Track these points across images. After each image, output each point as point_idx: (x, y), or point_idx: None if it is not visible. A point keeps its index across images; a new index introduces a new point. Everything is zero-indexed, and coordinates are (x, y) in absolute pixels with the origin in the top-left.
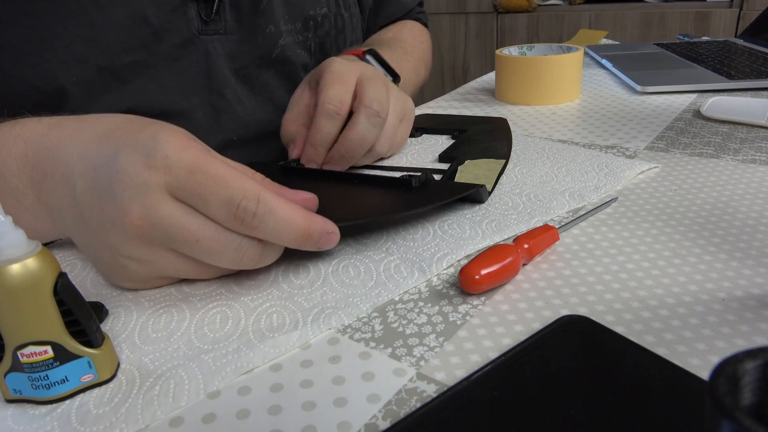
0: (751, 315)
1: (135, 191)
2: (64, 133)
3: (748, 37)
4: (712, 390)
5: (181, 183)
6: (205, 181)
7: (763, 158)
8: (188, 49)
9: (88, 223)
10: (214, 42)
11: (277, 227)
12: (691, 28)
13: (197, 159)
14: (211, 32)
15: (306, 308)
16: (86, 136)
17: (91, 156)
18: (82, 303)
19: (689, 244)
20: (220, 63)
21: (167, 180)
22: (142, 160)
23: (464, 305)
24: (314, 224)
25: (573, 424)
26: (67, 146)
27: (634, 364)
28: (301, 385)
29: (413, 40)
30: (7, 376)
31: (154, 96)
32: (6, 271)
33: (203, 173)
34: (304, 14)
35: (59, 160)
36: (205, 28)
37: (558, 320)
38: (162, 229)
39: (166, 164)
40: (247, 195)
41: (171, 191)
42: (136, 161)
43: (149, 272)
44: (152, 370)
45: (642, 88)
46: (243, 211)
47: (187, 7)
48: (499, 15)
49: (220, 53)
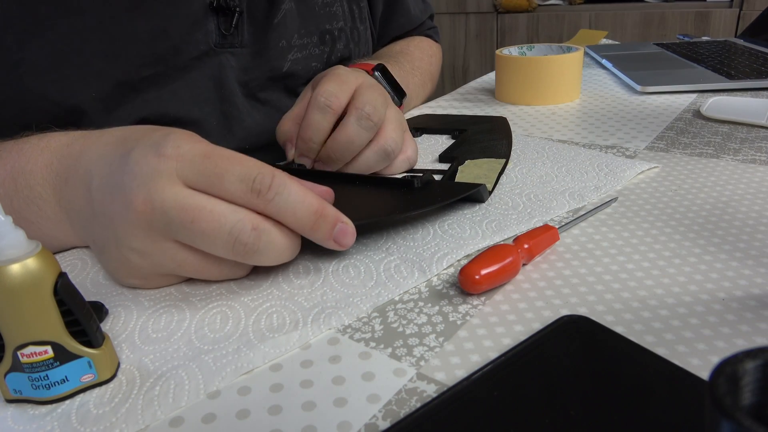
0: (751, 315)
1: (143, 179)
2: (87, 141)
3: (748, 37)
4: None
5: (195, 166)
6: (221, 161)
7: (763, 158)
8: (203, 61)
9: (98, 218)
10: (227, 55)
11: (291, 200)
12: (691, 28)
13: (210, 147)
14: (228, 46)
15: (306, 308)
16: (106, 141)
17: (108, 156)
18: (82, 303)
19: (689, 244)
20: (231, 76)
21: (178, 166)
22: (153, 152)
23: (464, 305)
24: (328, 207)
25: (573, 423)
26: (88, 152)
27: (634, 364)
28: (301, 385)
29: (421, 54)
30: (7, 376)
31: (168, 105)
32: (6, 271)
33: (218, 155)
34: (320, 28)
35: (80, 165)
36: (222, 42)
37: (558, 320)
38: (162, 211)
39: (178, 153)
40: (262, 171)
41: (183, 177)
42: (147, 153)
43: (151, 267)
44: (152, 370)
45: (642, 88)
46: (260, 183)
47: (207, 21)
48: (499, 15)
49: (233, 66)
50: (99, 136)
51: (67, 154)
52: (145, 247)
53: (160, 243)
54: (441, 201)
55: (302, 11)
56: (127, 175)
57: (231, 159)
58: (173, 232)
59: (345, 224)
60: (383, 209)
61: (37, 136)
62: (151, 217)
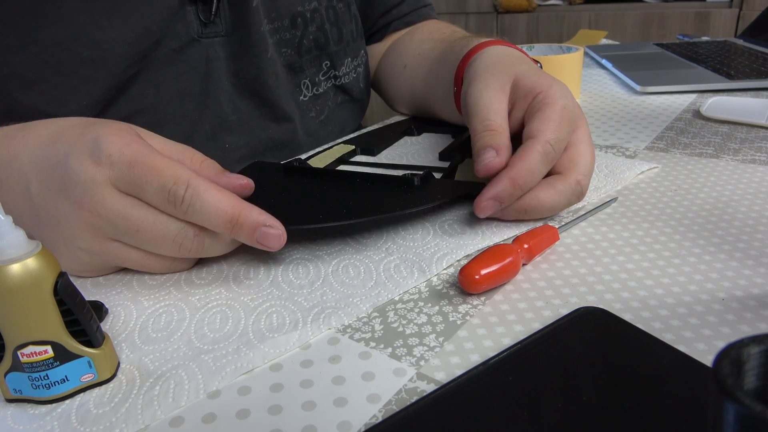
0: (751, 315)
1: (83, 186)
2: (13, 144)
3: (748, 37)
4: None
5: (123, 175)
6: (142, 171)
7: (763, 158)
8: (187, 53)
9: (43, 220)
10: (215, 45)
11: (204, 210)
12: (691, 28)
13: (137, 153)
14: (212, 35)
15: (306, 308)
16: (34, 143)
17: (41, 159)
18: (82, 303)
19: (689, 244)
20: (219, 68)
21: (111, 174)
22: (89, 159)
23: (464, 305)
24: (244, 212)
25: (586, 409)
26: (19, 156)
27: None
28: (301, 385)
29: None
30: (8, 375)
31: (151, 102)
32: (6, 271)
33: (141, 164)
34: (291, 11)
35: (13, 169)
36: (205, 31)
37: (576, 311)
38: (108, 219)
39: (110, 161)
40: (177, 181)
41: (115, 184)
42: (84, 161)
43: (100, 262)
44: (152, 370)
45: (642, 88)
46: (173, 195)
47: (185, 11)
48: (499, 15)
49: (221, 57)
50: (23, 136)
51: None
52: (93, 247)
53: (106, 244)
54: (441, 199)
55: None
56: (68, 183)
57: (151, 168)
58: (120, 236)
59: (269, 228)
60: (383, 207)
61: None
62: (98, 222)
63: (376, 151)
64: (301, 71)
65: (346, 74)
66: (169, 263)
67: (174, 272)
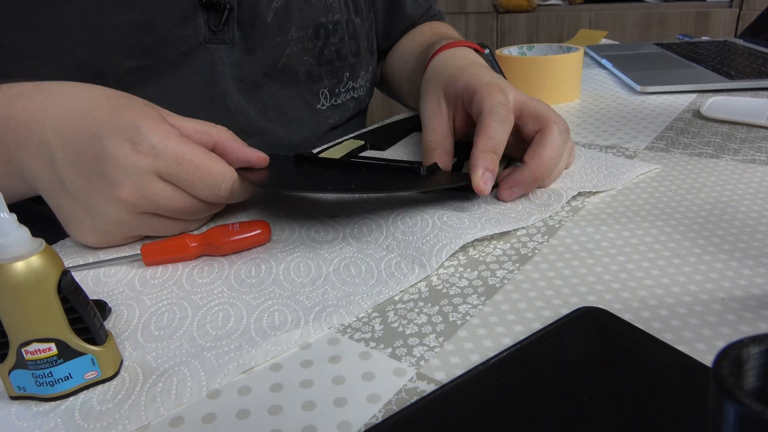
0: (751, 315)
1: (125, 171)
2: (32, 107)
3: (748, 37)
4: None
5: (170, 170)
6: (191, 168)
7: (763, 158)
8: (193, 57)
9: (70, 190)
10: (220, 51)
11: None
12: (691, 28)
13: (181, 149)
14: (218, 41)
15: (307, 306)
16: (57, 111)
17: (69, 131)
18: (86, 300)
19: (689, 244)
20: (224, 73)
21: (156, 165)
22: (129, 146)
23: (464, 305)
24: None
25: (586, 411)
26: (40, 120)
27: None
28: (301, 385)
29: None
30: (12, 373)
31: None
32: (10, 269)
33: (188, 162)
34: (315, 22)
35: (33, 132)
36: (212, 38)
37: (576, 311)
38: (153, 201)
39: (155, 152)
40: (224, 178)
41: (160, 174)
42: (123, 146)
43: (125, 232)
44: (155, 367)
45: (642, 88)
46: (221, 190)
47: (196, 16)
48: (499, 15)
49: (226, 63)
50: (42, 100)
51: (9, 116)
52: (124, 219)
53: (139, 216)
54: (446, 184)
55: (299, 4)
56: (105, 164)
57: (199, 167)
58: (161, 212)
59: None
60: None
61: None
62: (140, 202)
63: (385, 146)
64: (320, 80)
65: (361, 86)
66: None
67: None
